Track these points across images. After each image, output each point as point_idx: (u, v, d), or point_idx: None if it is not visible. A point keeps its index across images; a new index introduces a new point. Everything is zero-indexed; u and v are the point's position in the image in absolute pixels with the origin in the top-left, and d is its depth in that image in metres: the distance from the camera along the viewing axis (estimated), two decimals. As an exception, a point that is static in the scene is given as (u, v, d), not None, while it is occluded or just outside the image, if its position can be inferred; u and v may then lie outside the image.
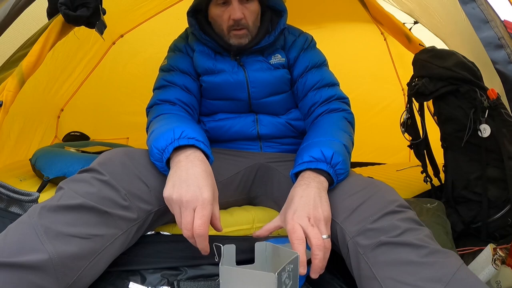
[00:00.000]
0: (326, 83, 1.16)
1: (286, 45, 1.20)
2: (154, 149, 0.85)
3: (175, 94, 1.12)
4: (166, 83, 1.16)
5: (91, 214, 0.73)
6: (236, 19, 1.07)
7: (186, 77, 1.18)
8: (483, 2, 0.92)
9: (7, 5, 1.06)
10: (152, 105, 1.13)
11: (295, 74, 1.18)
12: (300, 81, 1.17)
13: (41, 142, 1.95)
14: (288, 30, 1.22)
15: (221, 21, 1.11)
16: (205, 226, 0.75)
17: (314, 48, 1.24)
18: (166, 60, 1.23)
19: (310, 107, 1.15)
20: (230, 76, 1.14)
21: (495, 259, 0.83)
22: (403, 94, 2.40)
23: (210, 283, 0.86)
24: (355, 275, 0.77)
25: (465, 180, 1.21)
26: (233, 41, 1.12)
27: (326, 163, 0.88)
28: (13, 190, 0.98)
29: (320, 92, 1.14)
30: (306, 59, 1.18)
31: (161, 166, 0.85)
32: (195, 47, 1.19)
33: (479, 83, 1.12)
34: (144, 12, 2.14)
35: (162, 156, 0.84)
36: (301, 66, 1.18)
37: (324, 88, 1.15)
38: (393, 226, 0.74)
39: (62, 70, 1.98)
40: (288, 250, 0.79)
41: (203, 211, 0.76)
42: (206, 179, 0.79)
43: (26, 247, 0.66)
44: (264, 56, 1.18)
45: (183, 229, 0.76)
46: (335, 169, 0.88)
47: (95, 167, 0.81)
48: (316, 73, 1.17)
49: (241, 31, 1.10)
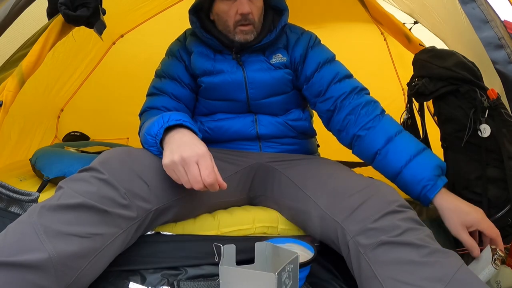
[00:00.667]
0: (345, 75, 1.15)
1: (289, 44, 1.19)
2: (147, 136, 0.91)
3: (162, 102, 1.16)
4: (155, 91, 1.19)
5: (91, 213, 0.73)
6: (245, 13, 1.08)
7: (175, 84, 1.19)
8: (483, 2, 0.92)
9: (7, 5, 1.06)
10: (143, 111, 1.19)
11: (307, 72, 1.17)
12: (316, 77, 1.15)
13: (41, 142, 1.94)
14: (290, 29, 1.22)
15: (227, 16, 1.11)
16: (213, 175, 0.80)
17: (320, 45, 1.23)
18: (160, 65, 1.25)
19: (335, 100, 1.12)
20: (229, 76, 1.14)
21: (495, 259, 0.83)
22: (403, 94, 2.39)
23: (210, 283, 0.86)
24: (355, 275, 0.77)
25: (465, 180, 1.21)
26: (238, 37, 1.12)
27: (442, 177, 0.98)
28: (13, 190, 0.98)
29: (342, 84, 1.13)
30: (316, 56, 1.17)
31: (156, 150, 0.90)
32: (193, 48, 1.19)
33: (479, 83, 1.12)
34: (144, 12, 2.14)
35: (155, 140, 0.89)
36: (312, 64, 1.16)
37: (345, 79, 1.14)
38: (394, 225, 0.74)
39: (63, 71, 1.98)
40: (288, 250, 0.80)
41: (206, 162, 0.81)
42: (199, 141, 0.87)
43: (25, 247, 0.66)
44: (265, 55, 1.17)
45: (193, 183, 0.80)
46: (442, 172, 0.99)
47: (95, 166, 0.81)
48: (332, 67, 1.16)
49: (247, 26, 1.11)
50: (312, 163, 1.10)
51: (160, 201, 0.85)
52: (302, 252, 0.88)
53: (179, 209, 0.92)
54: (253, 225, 1.03)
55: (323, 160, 1.16)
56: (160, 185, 0.86)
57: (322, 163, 1.11)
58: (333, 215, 0.84)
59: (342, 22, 2.36)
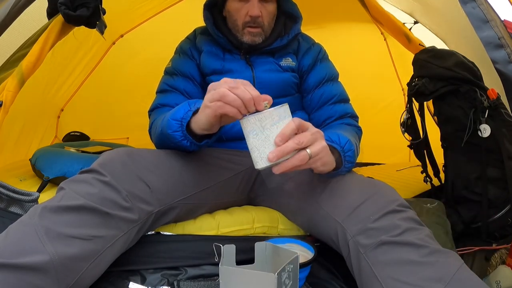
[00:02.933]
0: (342, 99, 1.19)
1: (300, 51, 1.22)
2: (172, 121, 0.87)
3: (176, 99, 1.15)
4: (168, 88, 1.18)
5: (92, 215, 0.73)
6: (254, 16, 1.09)
7: (188, 82, 1.19)
8: (483, 1, 0.92)
9: (7, 5, 1.06)
10: (154, 108, 1.17)
11: (311, 83, 1.20)
12: (317, 93, 1.19)
13: (41, 142, 1.94)
14: (302, 37, 1.25)
15: (237, 16, 1.12)
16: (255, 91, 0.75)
17: (328, 60, 1.27)
18: (171, 62, 1.24)
19: (325, 120, 1.17)
20: (238, 75, 1.14)
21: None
22: (403, 94, 2.39)
23: (210, 283, 0.86)
24: (355, 275, 0.77)
25: (465, 180, 1.21)
26: (246, 39, 1.13)
27: (339, 145, 0.89)
28: (13, 190, 0.98)
29: (335, 107, 1.17)
30: (323, 70, 1.21)
31: (180, 134, 0.87)
32: (203, 47, 1.19)
33: (479, 83, 1.12)
34: (144, 12, 2.14)
35: (181, 123, 0.86)
36: (318, 76, 1.20)
37: (340, 103, 1.18)
38: (394, 225, 0.74)
39: (62, 70, 1.98)
40: (288, 250, 0.80)
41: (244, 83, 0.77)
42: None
43: (26, 248, 0.66)
44: (274, 58, 1.19)
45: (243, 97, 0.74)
46: (345, 154, 0.89)
47: (96, 167, 0.80)
48: (333, 87, 1.20)
49: (256, 29, 1.12)
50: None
51: (161, 203, 0.85)
52: (302, 252, 0.88)
53: (180, 211, 0.92)
54: (253, 225, 1.03)
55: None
56: (162, 187, 0.86)
57: None
58: (333, 214, 0.84)
59: (342, 22, 2.36)
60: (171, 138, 0.90)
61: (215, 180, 1.00)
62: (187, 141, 0.88)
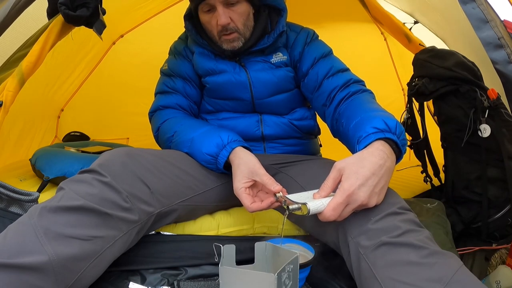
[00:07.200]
0: (339, 69, 1.14)
1: (289, 42, 1.19)
2: (207, 155, 0.97)
3: (176, 100, 1.17)
4: (168, 89, 1.19)
5: (92, 216, 0.73)
6: (223, 25, 1.06)
7: (186, 83, 1.20)
8: (483, 2, 0.92)
9: (7, 5, 1.06)
10: (155, 110, 1.18)
11: (304, 68, 1.16)
12: (312, 73, 1.15)
13: (41, 142, 1.95)
14: (289, 27, 1.20)
15: (210, 27, 1.10)
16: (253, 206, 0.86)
17: (317, 40, 1.22)
18: (167, 64, 1.24)
19: (329, 94, 1.09)
20: (233, 76, 1.14)
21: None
22: (403, 94, 2.40)
23: (210, 283, 0.86)
24: (355, 275, 0.77)
25: (465, 180, 1.21)
26: (225, 46, 1.11)
27: (391, 133, 0.80)
28: (13, 190, 0.98)
29: (335, 77, 1.11)
30: (312, 51, 1.17)
31: (215, 167, 0.98)
32: (194, 49, 1.19)
33: (479, 83, 1.12)
34: (144, 12, 2.14)
35: (216, 160, 0.96)
36: (309, 60, 1.16)
37: (338, 73, 1.13)
38: (394, 226, 0.74)
39: (62, 70, 1.98)
40: (288, 250, 0.80)
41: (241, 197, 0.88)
42: (242, 172, 0.91)
43: (25, 249, 0.66)
44: (264, 56, 1.17)
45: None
46: (400, 139, 0.81)
47: (96, 168, 0.80)
48: (327, 62, 1.15)
49: (231, 35, 1.08)
50: (315, 163, 1.10)
51: (162, 205, 0.85)
52: (302, 253, 0.88)
53: (181, 212, 0.92)
54: (253, 225, 1.03)
55: (325, 160, 1.15)
56: (162, 189, 0.85)
57: (325, 163, 1.11)
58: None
59: (342, 22, 2.36)
60: (199, 160, 1.00)
61: (215, 182, 1.00)
62: (215, 168, 0.99)
